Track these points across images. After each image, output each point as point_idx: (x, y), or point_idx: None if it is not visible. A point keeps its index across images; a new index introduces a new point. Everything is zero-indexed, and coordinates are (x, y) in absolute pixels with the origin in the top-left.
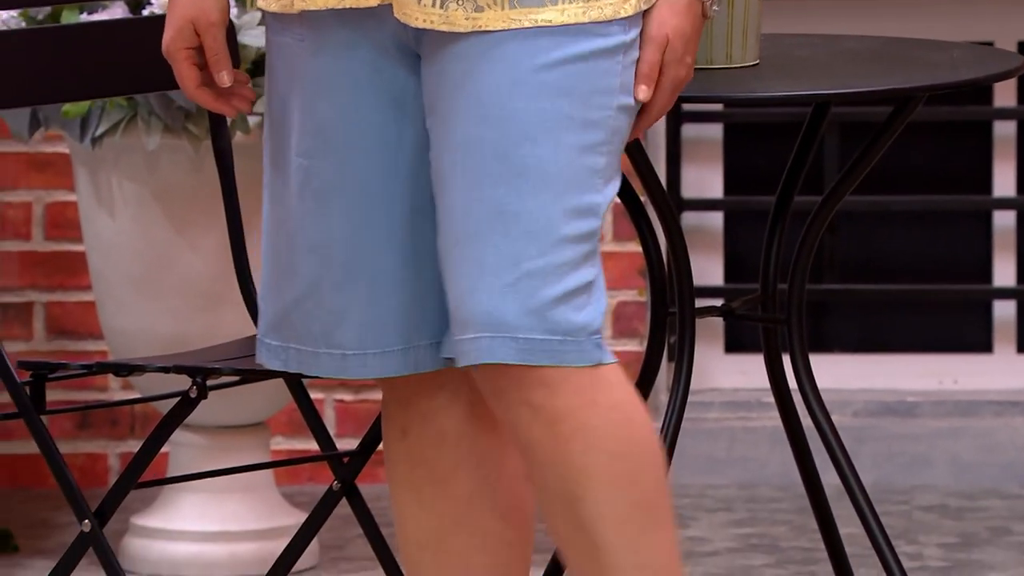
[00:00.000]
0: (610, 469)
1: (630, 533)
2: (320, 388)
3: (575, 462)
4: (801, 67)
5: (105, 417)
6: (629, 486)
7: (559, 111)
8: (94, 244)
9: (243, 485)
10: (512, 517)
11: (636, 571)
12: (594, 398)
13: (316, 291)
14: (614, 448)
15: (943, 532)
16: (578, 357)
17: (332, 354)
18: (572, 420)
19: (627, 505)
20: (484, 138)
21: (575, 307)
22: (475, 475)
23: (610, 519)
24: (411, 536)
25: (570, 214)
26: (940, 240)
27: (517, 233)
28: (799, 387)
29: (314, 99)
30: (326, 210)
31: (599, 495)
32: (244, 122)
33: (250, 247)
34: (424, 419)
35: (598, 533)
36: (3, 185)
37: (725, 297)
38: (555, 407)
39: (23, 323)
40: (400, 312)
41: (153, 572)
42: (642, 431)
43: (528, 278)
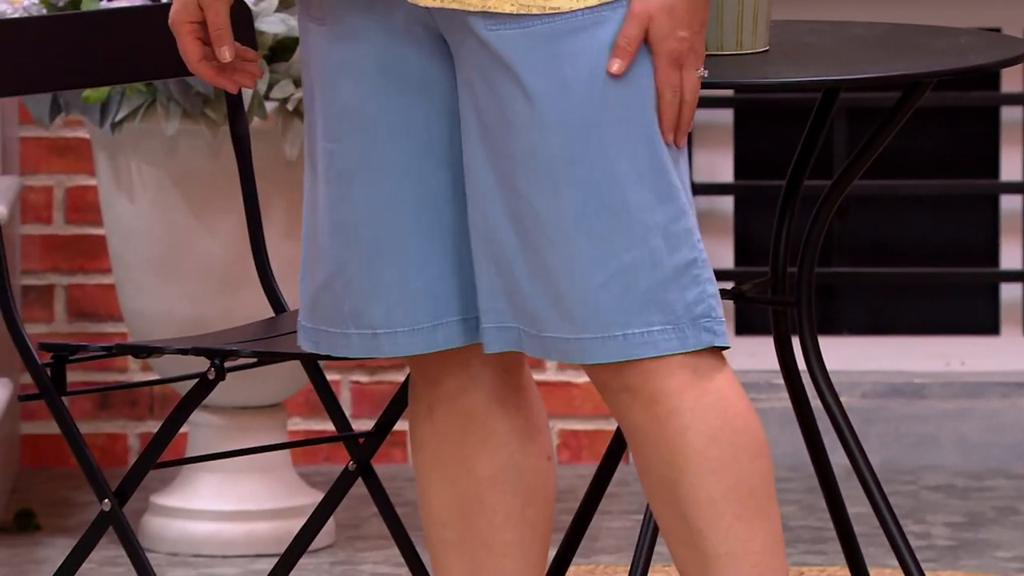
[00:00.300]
0: (706, 452)
1: (724, 519)
2: (336, 370)
3: (672, 442)
4: (810, 53)
5: (125, 398)
6: (724, 470)
7: (617, 103)
8: (114, 228)
9: (260, 465)
10: (534, 497)
11: (727, 559)
12: (690, 380)
13: (343, 272)
14: (709, 430)
15: (950, 512)
16: (683, 343)
17: (363, 334)
18: (668, 402)
19: (722, 490)
20: (542, 147)
21: (677, 290)
22: (500, 454)
23: (704, 504)
24: (434, 513)
25: (652, 200)
26: (948, 224)
27: (598, 230)
28: (808, 369)
29: (337, 83)
30: (351, 192)
31: (694, 478)
32: (261, 108)
33: (267, 231)
34: (451, 398)
35: (692, 517)
36: (25, 169)
37: (735, 280)
38: (652, 390)
39: (44, 305)
40: (428, 290)
41: (172, 550)
42: (741, 418)
43: (620, 274)
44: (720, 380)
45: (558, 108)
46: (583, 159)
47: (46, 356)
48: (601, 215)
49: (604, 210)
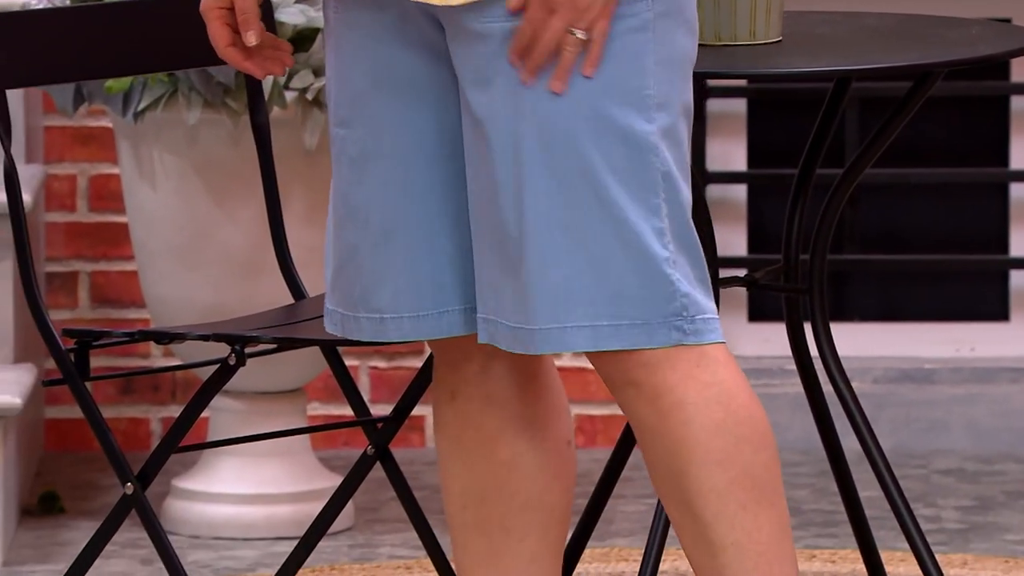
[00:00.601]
0: (709, 444)
1: (729, 510)
2: (355, 355)
3: (675, 435)
4: (823, 44)
5: (147, 383)
6: (728, 461)
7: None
8: (136, 215)
9: (281, 449)
10: (554, 482)
11: (734, 549)
12: (693, 373)
13: (356, 255)
14: (712, 423)
15: (960, 495)
16: (651, 339)
17: (371, 318)
18: (671, 395)
19: (726, 481)
20: (528, 139)
21: (647, 287)
22: (520, 439)
23: (709, 494)
24: (455, 495)
25: (628, 197)
26: (958, 212)
27: (575, 222)
28: (820, 355)
29: (350, 70)
30: (363, 177)
31: (699, 470)
32: (281, 98)
33: (286, 219)
34: (473, 382)
35: (698, 508)
36: (49, 158)
37: (748, 267)
38: (655, 383)
39: (68, 292)
40: (434, 277)
41: (193, 533)
42: (744, 409)
43: (589, 267)
44: (723, 372)
45: (540, 103)
46: (556, 150)
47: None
48: (572, 207)
49: (575, 202)
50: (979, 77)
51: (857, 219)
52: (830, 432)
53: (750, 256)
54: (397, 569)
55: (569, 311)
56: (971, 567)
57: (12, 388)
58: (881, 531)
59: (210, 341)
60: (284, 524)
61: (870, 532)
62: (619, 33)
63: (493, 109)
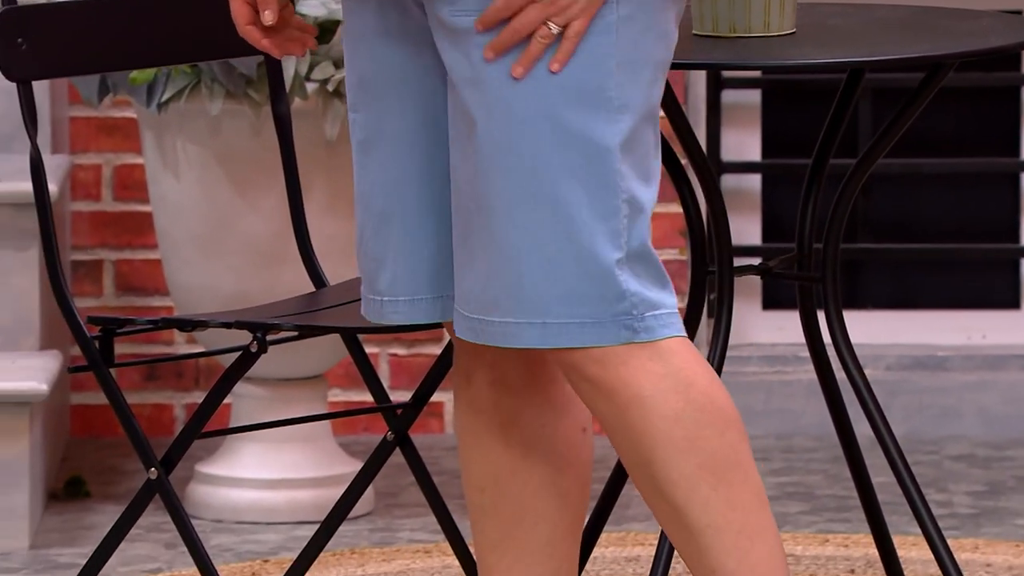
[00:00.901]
0: (670, 433)
1: (700, 494)
2: (375, 343)
3: (637, 428)
4: (836, 35)
5: (171, 370)
6: (691, 449)
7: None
8: (160, 205)
9: (302, 435)
10: (568, 467)
11: (711, 530)
12: (647, 367)
13: (362, 239)
14: (670, 412)
15: (971, 481)
16: (600, 337)
17: (375, 300)
18: (627, 390)
19: (692, 467)
20: (490, 132)
21: (598, 287)
22: (534, 424)
23: (679, 481)
24: (471, 479)
25: (583, 197)
26: (969, 201)
27: (529, 219)
28: (833, 342)
29: (355, 53)
30: (368, 160)
31: (665, 459)
32: (302, 89)
33: (308, 208)
34: (488, 368)
35: (670, 495)
36: (74, 148)
37: (763, 256)
38: (608, 380)
39: (93, 280)
40: (430, 262)
41: (216, 517)
42: (703, 395)
43: (544, 265)
44: (677, 361)
45: (500, 97)
46: (518, 149)
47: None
48: (531, 206)
49: (533, 201)
50: (990, 68)
51: (870, 208)
52: (843, 418)
53: (764, 245)
54: (416, 553)
55: (520, 307)
56: (982, 551)
57: (38, 375)
58: (893, 516)
59: (232, 329)
60: (306, 508)
61: (882, 517)
62: (583, 34)
63: (458, 103)
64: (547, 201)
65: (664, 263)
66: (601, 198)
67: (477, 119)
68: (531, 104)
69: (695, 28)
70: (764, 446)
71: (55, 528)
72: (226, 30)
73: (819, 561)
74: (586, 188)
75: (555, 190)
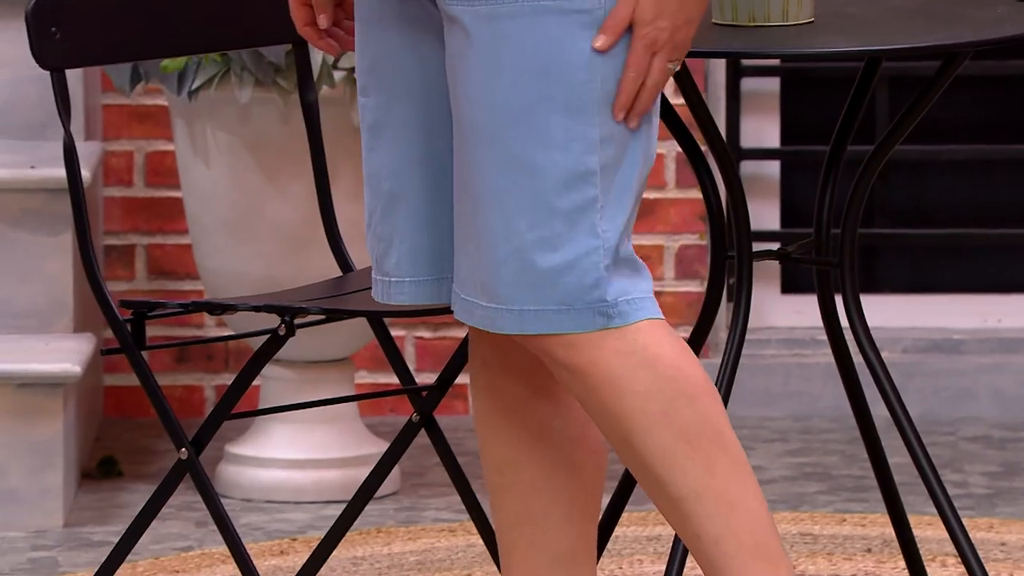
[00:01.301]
0: (643, 409)
1: (678, 463)
2: (401, 326)
3: (611, 408)
4: (853, 24)
5: (201, 352)
6: (665, 422)
7: (541, 96)
8: (191, 191)
9: (329, 416)
10: (580, 448)
11: (692, 497)
12: (615, 347)
13: (371, 220)
14: (641, 389)
15: (987, 461)
16: (576, 324)
17: (381, 280)
18: (596, 372)
19: (669, 439)
20: (476, 121)
21: (574, 275)
22: (546, 406)
23: (656, 454)
24: (489, 460)
25: (560, 189)
26: (984, 187)
27: (508, 208)
28: (851, 326)
29: (365, 38)
30: (376, 144)
31: (641, 435)
32: (330, 77)
33: (335, 194)
34: (503, 351)
35: (653, 469)
36: (107, 135)
37: (781, 241)
38: (579, 363)
39: (125, 264)
40: (433, 245)
41: (246, 496)
42: (671, 367)
43: (519, 252)
44: (643, 338)
45: (489, 87)
46: (503, 139)
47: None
48: (511, 193)
49: (514, 189)
50: (1005, 56)
51: (887, 194)
52: (860, 400)
53: (783, 230)
54: (441, 532)
55: (498, 294)
56: (997, 531)
57: (72, 357)
58: (910, 496)
59: (261, 312)
60: (333, 488)
61: (899, 497)
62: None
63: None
64: (527, 190)
65: (684, 248)
66: (577, 190)
67: (463, 108)
68: (515, 99)
69: (715, 17)
70: (783, 427)
71: (88, 507)
72: (255, 19)
73: (836, 540)
74: (565, 179)
75: (535, 180)
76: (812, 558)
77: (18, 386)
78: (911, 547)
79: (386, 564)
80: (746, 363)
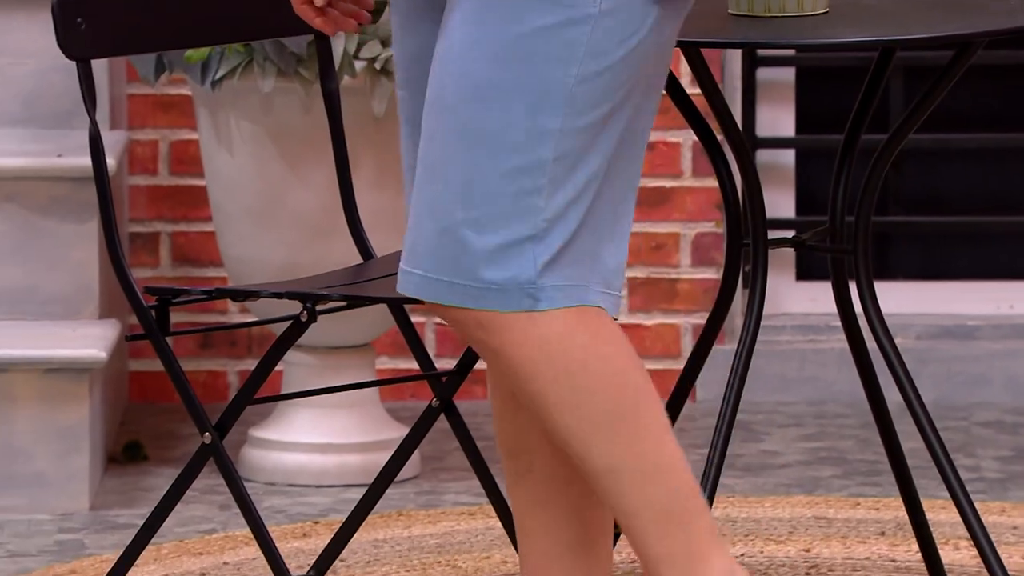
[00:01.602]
0: (557, 391)
1: (595, 442)
2: (421, 312)
3: (525, 390)
4: (867, 15)
5: (225, 338)
6: (582, 405)
7: (511, 78)
8: (214, 179)
9: (351, 401)
10: None
11: (610, 475)
12: (526, 333)
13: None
14: (553, 374)
15: (999, 446)
16: (500, 303)
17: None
18: (509, 356)
19: (584, 419)
20: (443, 90)
21: (503, 259)
22: None
23: (575, 434)
24: (503, 444)
25: (509, 172)
26: (997, 175)
27: (455, 183)
28: (865, 312)
29: (402, 30)
30: (412, 135)
31: (558, 418)
32: (351, 67)
33: (356, 182)
34: None
35: (569, 446)
36: (132, 124)
37: (796, 229)
38: (492, 344)
39: (150, 252)
40: None
41: (268, 480)
42: (584, 351)
43: (458, 226)
44: (558, 325)
45: (464, 57)
46: (464, 111)
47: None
48: (460, 167)
49: (463, 163)
50: (1019, 47)
51: (900, 182)
52: (874, 386)
53: (798, 218)
54: (461, 515)
55: (428, 263)
56: (1009, 514)
57: (98, 343)
58: (923, 480)
59: (283, 299)
60: (354, 472)
61: (912, 481)
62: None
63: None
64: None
65: (701, 235)
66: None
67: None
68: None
69: (731, 8)
70: (797, 412)
71: (114, 490)
72: (277, 10)
73: (850, 524)
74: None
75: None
76: (826, 541)
77: (45, 371)
78: (924, 530)
79: (406, 547)
80: (761, 349)
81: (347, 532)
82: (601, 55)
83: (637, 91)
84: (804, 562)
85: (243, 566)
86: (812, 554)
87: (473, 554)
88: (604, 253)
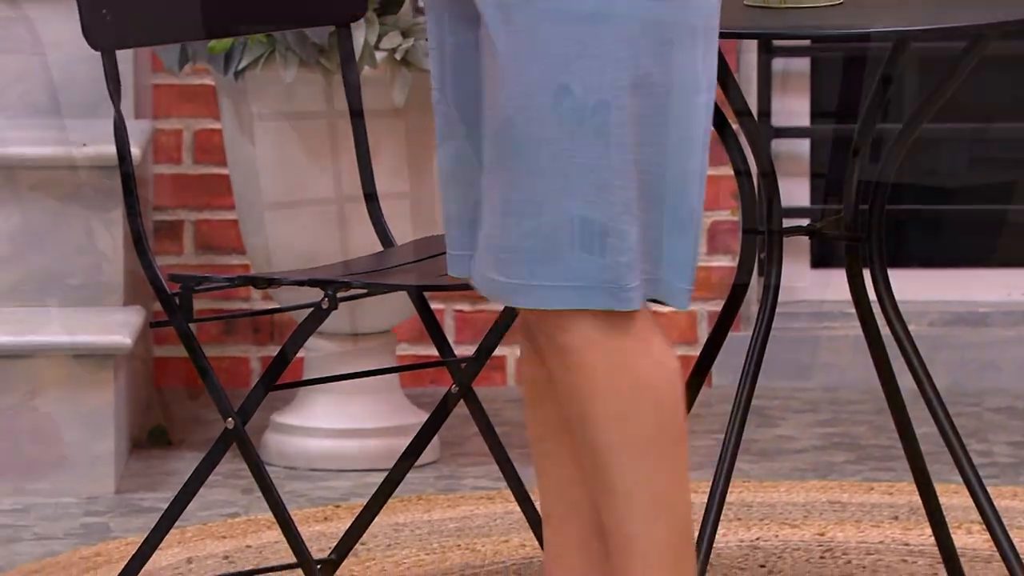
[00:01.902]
0: (606, 404)
1: (621, 461)
2: (441, 299)
3: (578, 392)
4: (882, 6)
5: (247, 325)
6: (623, 421)
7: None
8: (237, 168)
9: (371, 387)
10: None
11: (623, 496)
12: (597, 339)
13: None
14: (610, 387)
15: (1011, 431)
16: (580, 302)
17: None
18: (576, 355)
19: (622, 437)
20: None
21: (587, 254)
22: None
23: (605, 447)
24: (533, 428)
25: (577, 169)
26: (1011, 164)
27: (526, 187)
28: (878, 299)
29: (440, 29)
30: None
31: (597, 423)
32: (372, 57)
33: (376, 171)
34: None
35: (597, 455)
36: (156, 114)
37: (811, 217)
38: (564, 342)
39: (174, 239)
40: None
41: (290, 465)
42: (646, 376)
43: (537, 230)
44: (628, 341)
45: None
46: (523, 117)
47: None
48: (529, 172)
49: (531, 168)
50: None
51: (914, 171)
52: (888, 372)
53: (813, 206)
54: (480, 500)
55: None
56: (1021, 498)
57: (123, 329)
58: (936, 465)
59: (305, 286)
60: (375, 457)
61: (925, 466)
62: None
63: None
64: (543, 170)
65: (717, 223)
66: (591, 172)
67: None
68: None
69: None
70: (812, 398)
71: (139, 474)
72: (300, 1)
73: (864, 508)
74: (580, 161)
75: (550, 160)
76: (840, 525)
77: (71, 357)
78: (937, 515)
79: (426, 531)
80: (776, 336)
81: (368, 516)
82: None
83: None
84: (818, 546)
85: (265, 549)
86: (826, 538)
87: (492, 538)
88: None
